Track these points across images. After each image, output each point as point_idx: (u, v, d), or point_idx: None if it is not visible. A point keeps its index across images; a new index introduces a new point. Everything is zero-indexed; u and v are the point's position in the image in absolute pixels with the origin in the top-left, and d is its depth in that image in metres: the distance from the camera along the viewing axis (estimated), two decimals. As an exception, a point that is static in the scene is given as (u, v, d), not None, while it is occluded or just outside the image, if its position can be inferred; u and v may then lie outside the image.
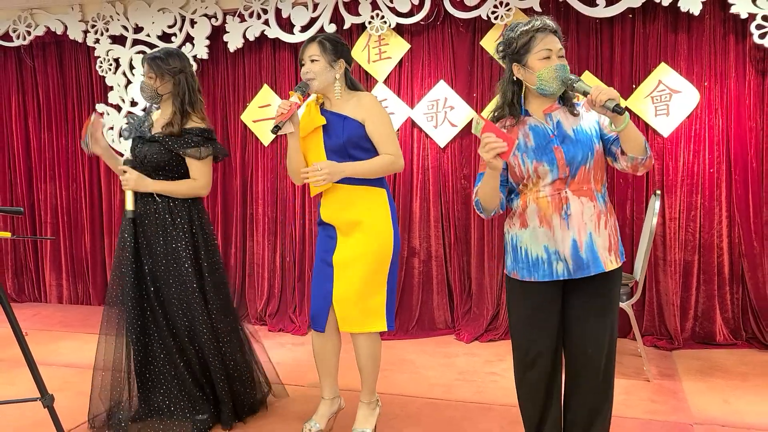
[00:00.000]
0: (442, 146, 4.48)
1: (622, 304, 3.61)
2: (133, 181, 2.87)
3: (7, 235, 2.15)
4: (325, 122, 2.75)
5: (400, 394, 3.45)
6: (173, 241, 2.93)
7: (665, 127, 4.13)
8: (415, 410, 3.24)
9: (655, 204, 3.67)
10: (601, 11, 4.06)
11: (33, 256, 5.57)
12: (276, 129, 2.64)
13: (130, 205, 2.86)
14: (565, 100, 2.30)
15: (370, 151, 2.75)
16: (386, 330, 2.80)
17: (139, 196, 2.94)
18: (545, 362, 2.32)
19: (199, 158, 2.94)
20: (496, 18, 4.18)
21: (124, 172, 2.89)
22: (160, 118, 3.02)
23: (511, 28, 2.28)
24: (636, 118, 4.18)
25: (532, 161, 2.23)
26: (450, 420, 3.13)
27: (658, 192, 3.72)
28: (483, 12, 4.20)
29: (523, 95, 2.32)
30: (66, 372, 3.85)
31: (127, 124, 3.06)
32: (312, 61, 2.72)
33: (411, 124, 4.53)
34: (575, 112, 2.28)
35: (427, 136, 4.51)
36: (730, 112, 4.05)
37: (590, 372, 2.30)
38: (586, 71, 4.23)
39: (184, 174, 2.98)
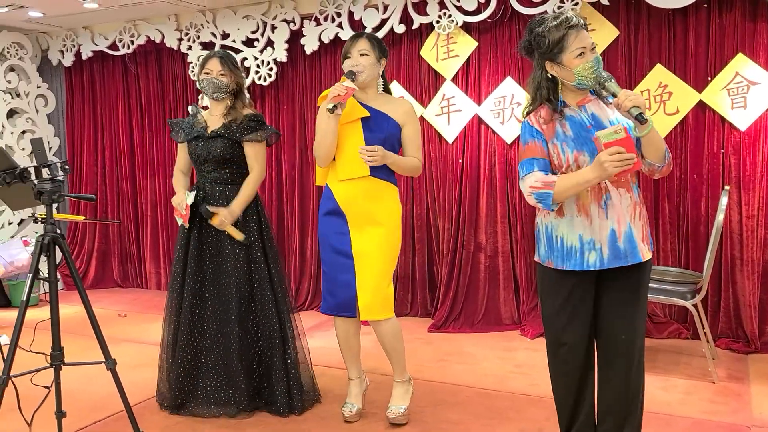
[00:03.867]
0: (509, 142, 4.51)
1: (685, 302, 3.52)
2: (229, 218, 3.03)
3: (81, 218, 2.43)
4: (368, 114, 2.91)
5: (453, 383, 3.54)
6: (246, 233, 3.12)
7: (742, 120, 3.95)
8: (464, 398, 3.32)
9: (723, 200, 3.54)
10: (673, 2, 3.95)
11: (136, 246, 6.09)
12: (334, 108, 2.81)
13: (239, 236, 3.05)
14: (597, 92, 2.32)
15: (397, 152, 2.97)
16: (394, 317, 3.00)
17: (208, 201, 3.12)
18: (578, 353, 2.35)
19: (259, 141, 3.12)
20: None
21: (215, 215, 3.03)
22: (210, 116, 3.19)
23: (537, 22, 2.26)
24: (711, 112, 4.04)
25: (572, 151, 2.24)
26: (497, 409, 3.19)
27: (727, 187, 3.59)
28: (549, 7, 4.19)
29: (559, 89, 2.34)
30: (153, 349, 4.21)
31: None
32: (362, 54, 2.88)
33: (478, 121, 4.60)
34: (608, 102, 2.28)
35: (493, 132, 4.55)
36: (815, 103, 3.83)
37: (623, 361, 2.30)
38: (658, 64, 4.13)
39: (246, 163, 3.16)
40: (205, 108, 3.35)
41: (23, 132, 5.95)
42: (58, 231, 2.36)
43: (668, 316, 4.29)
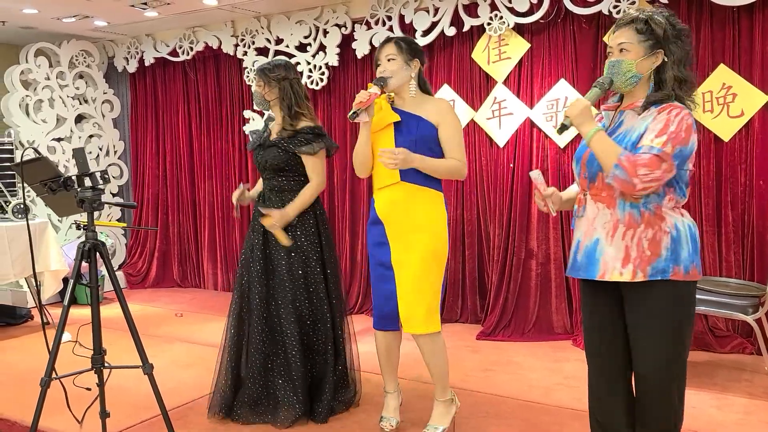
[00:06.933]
0: (562, 146, 4.38)
1: (746, 317, 3.33)
2: (279, 221, 3.07)
3: (122, 225, 2.50)
4: (398, 119, 2.81)
5: (497, 393, 3.46)
6: (302, 238, 3.14)
7: (814, 123, 3.71)
8: (506, 410, 3.24)
9: (789, 209, 3.32)
10: (738, -1, 3.75)
11: (194, 247, 6.26)
12: (353, 115, 2.72)
13: (286, 241, 3.08)
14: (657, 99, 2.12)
15: (437, 154, 2.80)
16: (440, 331, 2.85)
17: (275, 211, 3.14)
18: (601, 365, 2.26)
19: (313, 154, 3.13)
20: (618, 12, 4.01)
21: (267, 217, 3.07)
22: (275, 125, 3.28)
23: None
24: (780, 114, 3.81)
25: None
26: (539, 423, 3.09)
27: (794, 195, 3.37)
28: (604, 7, 4.05)
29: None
30: (203, 350, 4.32)
31: (252, 135, 3.35)
32: (389, 60, 2.79)
33: (530, 125, 4.49)
34: (640, 113, 2.12)
35: (546, 136, 4.44)
36: None
37: (644, 385, 2.17)
38: (722, 64, 3.92)
39: (303, 173, 3.19)
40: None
41: (90, 136, 6.21)
42: (121, 234, 2.43)
43: (731, 329, 4.07)
